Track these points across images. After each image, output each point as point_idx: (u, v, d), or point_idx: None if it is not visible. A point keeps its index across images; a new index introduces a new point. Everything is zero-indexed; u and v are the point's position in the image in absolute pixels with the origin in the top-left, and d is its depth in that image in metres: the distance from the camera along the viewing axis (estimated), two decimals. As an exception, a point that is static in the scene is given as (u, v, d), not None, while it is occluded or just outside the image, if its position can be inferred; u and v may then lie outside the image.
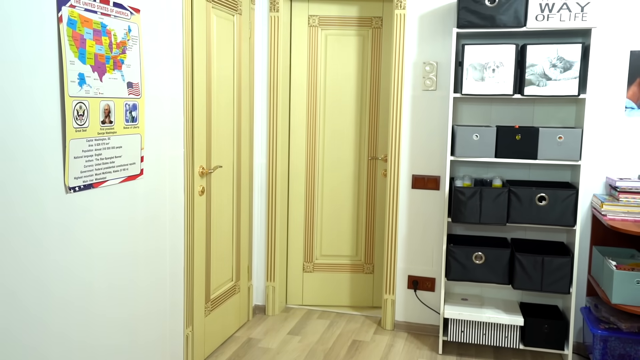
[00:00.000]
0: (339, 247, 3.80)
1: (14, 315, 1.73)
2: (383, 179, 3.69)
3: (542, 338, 2.97)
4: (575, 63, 2.79)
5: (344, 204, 3.75)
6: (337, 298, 3.81)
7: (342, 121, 3.69)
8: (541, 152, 2.89)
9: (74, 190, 1.95)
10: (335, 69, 3.66)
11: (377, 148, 3.68)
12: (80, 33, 1.93)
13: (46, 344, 1.88)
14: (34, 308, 1.81)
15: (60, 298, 1.93)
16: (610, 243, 3.00)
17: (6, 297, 1.70)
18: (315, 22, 3.71)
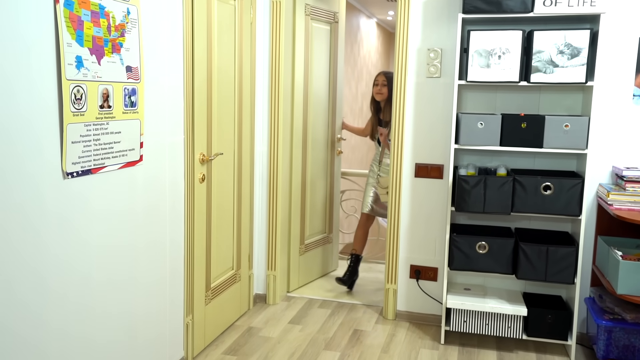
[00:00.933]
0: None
1: (11, 308, 1.70)
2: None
3: (545, 328, 2.94)
4: (583, 49, 2.74)
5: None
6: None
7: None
8: (547, 141, 2.84)
9: (72, 176, 1.91)
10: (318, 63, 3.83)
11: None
12: (78, 14, 1.88)
13: (44, 335, 1.85)
14: (31, 298, 1.78)
15: (58, 286, 1.90)
16: (615, 233, 2.96)
17: (3, 288, 1.67)
18: (308, 11, 3.67)
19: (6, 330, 1.70)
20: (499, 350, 3.04)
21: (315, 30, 3.77)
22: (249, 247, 3.47)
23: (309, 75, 3.76)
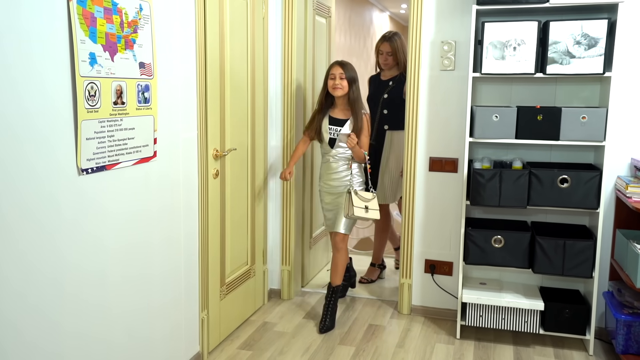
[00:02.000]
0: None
1: (25, 310, 1.72)
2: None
3: (563, 323, 2.91)
4: (600, 40, 2.69)
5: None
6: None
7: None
8: (563, 133, 2.80)
9: (87, 172, 1.93)
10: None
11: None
12: (91, 11, 1.89)
13: (59, 332, 1.87)
14: (47, 293, 1.80)
15: (73, 283, 1.92)
16: (634, 226, 2.91)
17: (17, 285, 1.69)
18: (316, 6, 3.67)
19: (19, 330, 1.72)
20: (516, 345, 3.01)
21: (318, 24, 3.77)
22: (263, 242, 3.47)
23: (315, 69, 3.76)
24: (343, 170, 3.16)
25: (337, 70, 3.07)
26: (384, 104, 3.65)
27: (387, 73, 3.72)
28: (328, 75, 3.12)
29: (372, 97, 3.76)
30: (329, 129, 3.15)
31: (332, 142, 3.15)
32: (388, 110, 3.64)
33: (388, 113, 3.64)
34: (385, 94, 3.64)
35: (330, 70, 3.12)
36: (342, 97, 3.12)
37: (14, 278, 1.67)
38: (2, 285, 1.63)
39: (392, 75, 3.69)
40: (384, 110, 3.65)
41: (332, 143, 3.15)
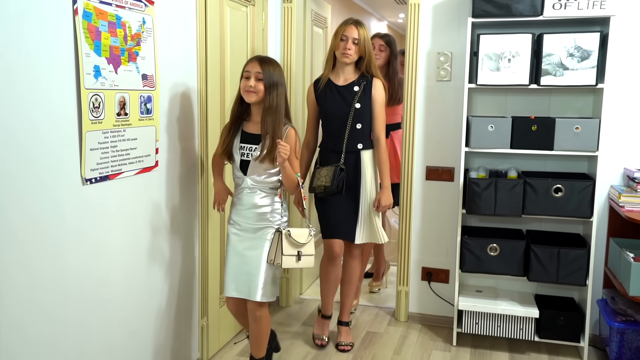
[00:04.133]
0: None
1: (33, 312, 1.76)
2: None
3: (557, 330, 2.95)
4: (593, 52, 2.75)
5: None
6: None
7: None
8: (557, 143, 2.85)
9: (90, 182, 1.97)
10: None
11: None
12: (96, 25, 1.94)
13: (64, 338, 1.90)
14: (52, 300, 1.84)
15: (76, 289, 1.95)
16: (627, 235, 2.96)
17: (25, 291, 1.73)
18: (313, 17, 3.73)
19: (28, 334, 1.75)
20: (511, 352, 3.05)
21: (315, 35, 3.82)
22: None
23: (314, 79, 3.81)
24: (264, 203, 2.40)
25: (254, 68, 2.31)
26: (356, 116, 2.83)
27: (345, 74, 2.88)
28: (242, 74, 2.37)
29: (333, 108, 2.86)
30: (241, 147, 2.40)
31: (244, 165, 2.40)
32: (362, 124, 2.86)
33: (362, 128, 2.87)
34: (356, 103, 2.83)
35: (245, 66, 2.37)
36: (258, 105, 2.37)
37: (22, 283, 1.71)
38: (11, 290, 1.67)
39: (350, 78, 2.87)
40: (357, 125, 2.84)
41: (245, 167, 2.40)
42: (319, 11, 3.88)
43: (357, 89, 2.85)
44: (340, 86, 2.88)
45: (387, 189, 2.91)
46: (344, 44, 2.80)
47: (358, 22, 2.85)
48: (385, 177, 2.92)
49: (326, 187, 2.80)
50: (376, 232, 2.96)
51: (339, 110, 2.86)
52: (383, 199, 2.90)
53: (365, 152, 2.91)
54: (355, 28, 2.80)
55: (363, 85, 2.85)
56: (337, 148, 2.88)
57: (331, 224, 2.93)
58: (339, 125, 2.86)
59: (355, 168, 2.88)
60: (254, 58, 2.38)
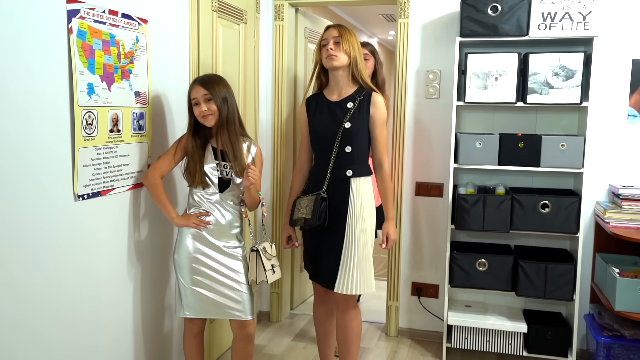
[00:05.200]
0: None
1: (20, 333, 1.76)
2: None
3: (545, 345, 2.98)
4: (577, 71, 2.82)
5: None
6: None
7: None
8: (544, 160, 2.90)
9: (83, 198, 1.98)
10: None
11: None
12: (90, 44, 1.97)
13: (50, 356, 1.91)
14: (41, 320, 1.84)
15: (67, 306, 1.96)
16: (613, 250, 3.01)
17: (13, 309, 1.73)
18: (307, 34, 3.78)
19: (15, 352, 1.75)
20: (500, 367, 3.07)
21: (310, 51, 3.86)
22: (252, 265, 3.51)
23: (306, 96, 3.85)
24: (238, 222, 2.37)
25: (199, 92, 2.23)
26: (345, 137, 2.42)
27: (340, 89, 2.49)
28: (189, 101, 2.28)
29: (320, 128, 2.49)
30: (217, 165, 2.29)
31: (222, 185, 2.30)
32: (353, 146, 2.43)
33: (353, 151, 2.43)
34: (346, 122, 2.41)
35: (189, 94, 2.28)
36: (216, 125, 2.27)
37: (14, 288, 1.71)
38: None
39: (346, 92, 2.47)
40: (346, 147, 2.42)
41: (222, 186, 2.30)
42: (314, 28, 3.93)
43: (351, 106, 2.42)
44: (333, 102, 2.47)
45: (392, 220, 2.56)
46: (326, 48, 2.42)
47: (337, 24, 2.52)
48: (389, 208, 2.54)
49: (307, 220, 2.38)
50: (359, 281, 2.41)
51: (327, 130, 2.44)
52: (391, 231, 2.54)
53: (357, 181, 2.43)
54: (334, 28, 2.45)
55: (359, 101, 2.42)
56: (322, 173, 2.45)
57: (310, 262, 2.54)
58: (327, 147, 2.44)
59: (342, 198, 2.42)
60: (194, 82, 2.27)
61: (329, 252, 2.44)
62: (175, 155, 2.29)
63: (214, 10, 2.82)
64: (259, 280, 2.34)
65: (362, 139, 2.44)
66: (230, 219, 2.34)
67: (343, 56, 2.41)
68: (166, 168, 2.29)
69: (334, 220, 2.43)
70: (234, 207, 2.36)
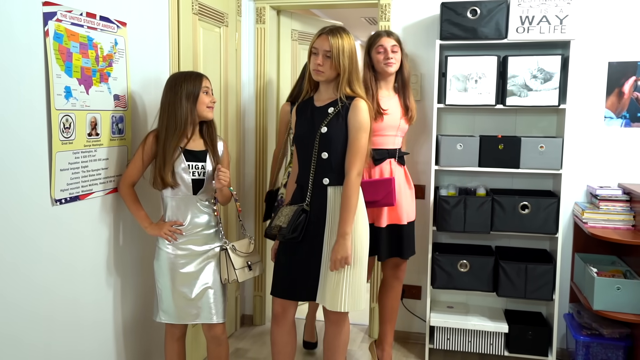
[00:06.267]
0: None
1: None
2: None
3: (526, 344, 3.01)
4: (555, 74, 2.85)
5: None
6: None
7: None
8: (523, 162, 2.94)
9: (60, 203, 1.96)
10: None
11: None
12: (67, 47, 1.95)
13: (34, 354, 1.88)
14: (19, 324, 1.82)
15: (45, 309, 1.94)
16: (591, 250, 3.05)
17: (-8, 309, 1.71)
18: (295, 36, 3.77)
19: (-5, 355, 1.73)
20: (482, 367, 3.10)
21: (300, 53, 3.86)
22: (235, 268, 3.50)
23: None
24: (212, 222, 2.36)
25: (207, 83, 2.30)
26: (321, 143, 2.29)
27: (325, 94, 2.34)
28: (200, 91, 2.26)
29: (300, 133, 2.38)
30: (189, 167, 2.26)
31: (196, 186, 2.28)
32: (330, 153, 2.28)
33: (329, 158, 2.29)
34: (323, 127, 2.29)
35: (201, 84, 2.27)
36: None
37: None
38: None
39: (329, 98, 2.32)
40: (322, 154, 2.29)
41: (196, 188, 2.29)
42: (305, 29, 3.87)
43: (332, 111, 2.28)
44: (316, 107, 2.34)
45: (342, 237, 2.21)
46: (315, 59, 2.25)
47: (333, 30, 2.25)
48: (344, 222, 2.22)
49: (281, 229, 2.25)
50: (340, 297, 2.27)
51: (306, 136, 2.32)
52: (335, 249, 2.21)
53: (335, 189, 2.29)
54: (327, 38, 2.23)
55: (340, 107, 2.27)
56: (304, 181, 2.33)
57: (278, 276, 2.37)
58: (306, 153, 2.32)
59: (320, 208, 2.29)
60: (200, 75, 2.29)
61: (305, 265, 2.31)
62: (143, 159, 2.25)
63: (194, 13, 2.81)
64: (231, 279, 2.33)
65: (341, 146, 2.27)
66: (207, 219, 2.33)
67: (331, 72, 2.25)
68: (137, 175, 2.27)
69: (312, 233, 2.29)
70: (208, 207, 2.35)
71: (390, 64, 2.74)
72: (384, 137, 2.79)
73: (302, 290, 2.33)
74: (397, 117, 2.80)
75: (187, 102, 2.22)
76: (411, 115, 2.86)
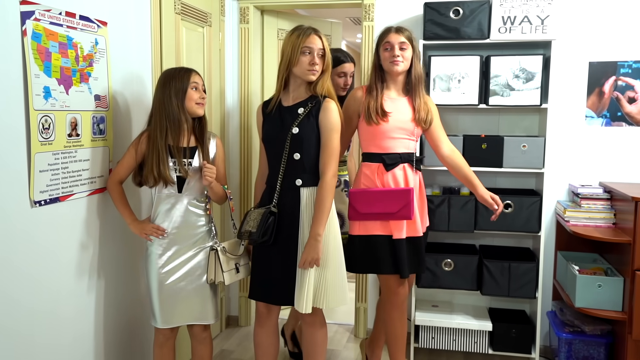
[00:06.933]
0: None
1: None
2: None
3: (510, 342, 3.03)
4: (536, 74, 2.88)
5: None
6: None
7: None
8: (506, 161, 2.96)
9: (40, 204, 1.94)
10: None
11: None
12: (46, 46, 1.92)
13: None
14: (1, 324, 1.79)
15: (28, 312, 1.91)
16: (574, 248, 3.08)
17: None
18: (282, 36, 3.77)
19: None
20: (467, 365, 3.11)
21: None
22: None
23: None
24: (202, 222, 2.31)
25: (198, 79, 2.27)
26: (293, 143, 2.28)
27: (296, 93, 2.34)
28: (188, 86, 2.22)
29: (269, 133, 2.36)
30: (175, 163, 2.22)
31: (180, 183, 2.25)
32: (302, 154, 2.28)
33: (302, 159, 2.28)
34: (294, 128, 2.27)
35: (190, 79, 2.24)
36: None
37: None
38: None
39: (300, 97, 2.33)
40: (294, 155, 2.28)
41: (181, 185, 2.26)
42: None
43: (302, 111, 2.27)
44: (285, 107, 2.33)
45: (314, 239, 2.21)
46: (310, 59, 2.24)
47: (317, 30, 2.30)
48: (318, 223, 2.22)
49: (251, 234, 2.23)
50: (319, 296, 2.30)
51: (275, 136, 2.30)
52: (306, 250, 2.21)
53: (309, 190, 2.28)
54: (320, 37, 2.27)
55: (310, 107, 2.28)
56: (273, 183, 2.31)
57: (260, 280, 2.34)
58: (276, 154, 2.30)
59: (293, 210, 2.28)
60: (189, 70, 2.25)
61: (282, 268, 2.29)
62: (136, 157, 2.24)
63: (177, 12, 2.79)
64: (217, 280, 2.28)
65: (313, 146, 2.27)
66: (195, 218, 2.28)
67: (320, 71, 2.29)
68: (125, 172, 2.26)
69: (285, 235, 2.28)
70: (199, 206, 2.30)
71: (396, 62, 2.46)
72: (392, 140, 2.50)
73: (280, 294, 2.30)
74: (405, 120, 2.50)
75: (177, 98, 2.18)
76: (421, 118, 2.52)
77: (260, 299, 2.35)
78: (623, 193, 2.64)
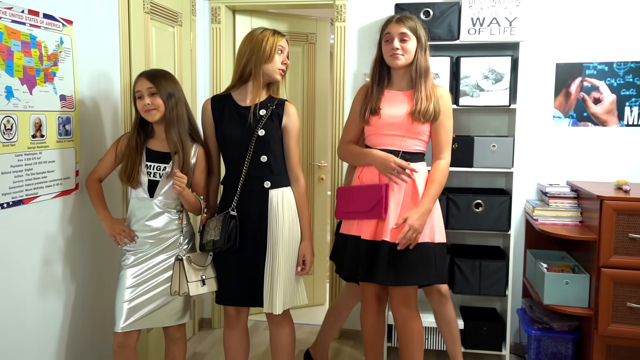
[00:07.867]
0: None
1: None
2: (319, 184, 3.99)
3: (481, 340, 3.06)
4: (505, 75, 2.92)
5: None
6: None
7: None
8: (477, 160, 2.99)
9: (2, 207, 1.89)
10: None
11: (314, 155, 3.95)
12: (7, 45, 1.88)
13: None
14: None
15: (-13, 319, 1.86)
16: (542, 246, 3.13)
17: None
18: None
19: None
20: (439, 364, 3.14)
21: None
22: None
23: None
24: (172, 227, 2.25)
25: (144, 85, 2.16)
26: (259, 145, 2.22)
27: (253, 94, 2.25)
28: (134, 95, 2.20)
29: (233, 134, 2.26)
30: (147, 166, 2.21)
31: (152, 187, 2.22)
32: (269, 156, 2.24)
33: (269, 161, 2.25)
34: (260, 130, 2.22)
35: (134, 87, 2.20)
36: (160, 121, 2.21)
37: None
38: None
39: (258, 98, 2.26)
40: (262, 157, 2.23)
41: (153, 189, 2.22)
42: (295, 29, 3.80)
43: (264, 113, 2.23)
44: (243, 107, 2.25)
45: (309, 240, 2.30)
46: (283, 58, 2.23)
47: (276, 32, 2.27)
48: (306, 226, 2.31)
49: (215, 242, 2.18)
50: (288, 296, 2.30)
51: (239, 138, 2.23)
52: (308, 252, 2.30)
53: (277, 192, 2.25)
54: (284, 39, 2.27)
55: (271, 109, 2.24)
56: (232, 186, 2.26)
57: (222, 285, 2.30)
58: (238, 156, 2.24)
59: (259, 212, 2.24)
60: (140, 75, 2.20)
61: (251, 271, 2.25)
62: (116, 156, 2.26)
63: (146, 12, 2.75)
64: (182, 292, 2.18)
65: (278, 149, 2.26)
66: (163, 224, 2.23)
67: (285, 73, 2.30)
68: (104, 171, 2.28)
69: (251, 237, 2.24)
70: (170, 212, 2.24)
71: (396, 55, 2.25)
72: (383, 136, 2.33)
73: (248, 296, 2.28)
74: (398, 115, 2.29)
75: (134, 102, 2.23)
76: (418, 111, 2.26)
77: (228, 302, 2.32)
78: (589, 192, 2.70)
